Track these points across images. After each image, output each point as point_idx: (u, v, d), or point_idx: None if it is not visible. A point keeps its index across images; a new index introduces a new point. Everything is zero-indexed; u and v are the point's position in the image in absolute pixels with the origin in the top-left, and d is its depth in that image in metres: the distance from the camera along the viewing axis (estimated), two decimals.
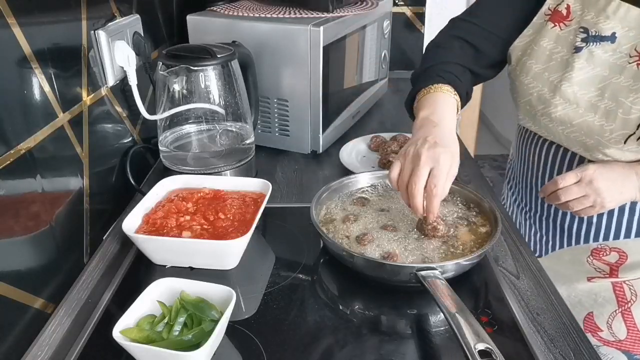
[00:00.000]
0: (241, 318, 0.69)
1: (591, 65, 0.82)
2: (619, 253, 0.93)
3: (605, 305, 0.95)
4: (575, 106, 0.84)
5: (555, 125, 0.88)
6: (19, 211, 0.66)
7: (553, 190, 0.85)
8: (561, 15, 0.86)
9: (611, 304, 0.94)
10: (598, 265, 0.95)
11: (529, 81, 0.89)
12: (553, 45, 0.87)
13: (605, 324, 0.95)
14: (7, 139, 0.64)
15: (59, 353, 0.65)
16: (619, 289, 0.94)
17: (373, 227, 0.81)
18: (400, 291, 0.74)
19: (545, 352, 0.64)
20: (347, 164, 1.09)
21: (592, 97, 0.82)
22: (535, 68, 0.88)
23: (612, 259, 0.94)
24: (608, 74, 0.81)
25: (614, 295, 0.94)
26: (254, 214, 0.82)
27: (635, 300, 0.93)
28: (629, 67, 0.79)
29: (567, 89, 0.84)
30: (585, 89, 0.82)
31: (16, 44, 0.67)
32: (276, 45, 1.10)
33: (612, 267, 0.94)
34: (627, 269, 0.92)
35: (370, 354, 0.64)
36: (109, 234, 0.90)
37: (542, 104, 0.88)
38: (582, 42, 0.83)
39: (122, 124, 1.01)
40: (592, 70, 0.82)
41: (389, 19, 1.50)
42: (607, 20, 0.81)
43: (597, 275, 0.96)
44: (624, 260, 0.92)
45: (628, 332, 0.94)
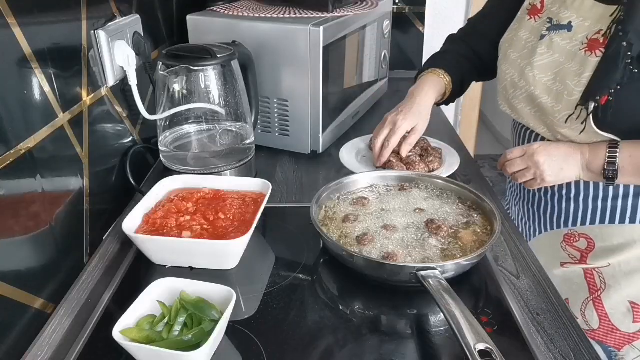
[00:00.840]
0: (241, 318, 0.69)
1: (550, 52, 0.90)
2: (587, 240, 0.96)
3: (578, 292, 0.97)
4: (533, 88, 0.92)
5: (522, 106, 0.96)
6: (19, 211, 0.66)
7: (503, 162, 0.96)
8: (537, 9, 0.96)
9: (583, 290, 0.97)
10: (570, 252, 0.98)
11: (506, 68, 0.99)
12: (528, 35, 0.96)
13: (579, 311, 0.97)
14: (7, 139, 0.64)
15: (59, 353, 0.65)
16: (590, 276, 0.96)
17: (373, 227, 0.81)
18: (400, 291, 0.74)
19: (545, 352, 0.64)
20: (347, 164, 1.09)
21: (547, 81, 0.90)
22: (512, 56, 0.98)
23: (582, 246, 0.97)
24: (564, 60, 0.88)
25: (586, 283, 0.96)
26: (254, 214, 0.82)
27: (605, 289, 0.94)
28: (579, 53, 0.86)
29: (529, 73, 0.93)
30: (544, 73, 0.91)
31: (16, 44, 0.67)
32: (276, 45, 1.10)
33: (582, 254, 0.97)
34: (595, 256, 0.95)
35: (370, 354, 0.64)
36: (109, 234, 0.90)
37: (513, 88, 0.97)
38: (546, 31, 0.92)
39: (122, 124, 1.01)
40: (551, 56, 0.90)
41: (389, 19, 1.50)
42: (566, 11, 0.89)
43: (569, 261, 0.99)
44: (592, 248, 0.95)
45: (600, 321, 0.95)
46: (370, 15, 1.31)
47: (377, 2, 1.35)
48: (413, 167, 1.04)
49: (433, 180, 0.93)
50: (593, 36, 0.84)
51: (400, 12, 1.79)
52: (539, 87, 0.91)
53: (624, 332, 0.94)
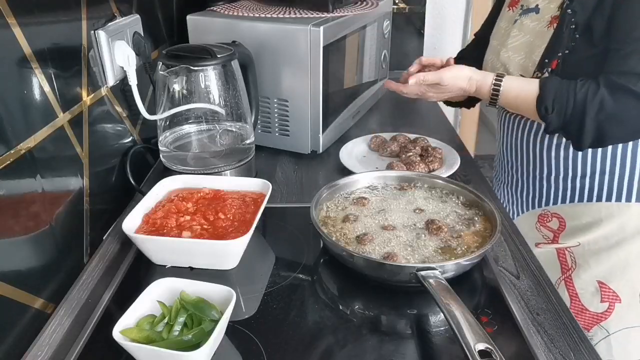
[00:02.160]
0: (241, 318, 0.69)
1: (522, 33, 0.99)
2: (558, 219, 0.99)
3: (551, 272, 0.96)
4: (508, 66, 1.00)
5: None
6: (19, 211, 0.66)
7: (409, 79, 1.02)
8: (514, 1, 1.06)
9: (556, 271, 0.99)
10: (544, 232, 1.02)
11: (488, 55, 1.09)
12: (505, 24, 1.06)
13: None
14: (7, 139, 0.64)
15: (59, 353, 0.65)
16: (562, 255, 0.99)
17: (373, 227, 0.81)
18: (400, 291, 0.74)
19: (545, 352, 0.64)
20: (347, 164, 1.09)
21: (520, 59, 0.99)
22: (493, 43, 1.08)
23: (554, 225, 1.00)
24: (533, 39, 0.97)
25: (559, 262, 0.99)
26: (254, 214, 0.82)
27: (575, 267, 0.97)
28: (543, 30, 0.95)
29: (504, 54, 1.02)
30: (517, 53, 1.00)
31: (16, 44, 0.67)
32: (276, 45, 1.10)
33: (555, 234, 1.00)
34: (566, 235, 0.98)
35: (370, 354, 0.64)
36: (109, 234, 0.90)
37: (492, 71, 1.02)
38: (518, 16, 1.02)
39: (122, 124, 1.01)
40: (522, 37, 0.99)
41: (389, 19, 1.50)
42: None
43: (543, 241, 1.02)
44: (564, 227, 0.98)
45: (571, 301, 0.98)
46: (370, 15, 1.31)
47: (377, 2, 1.35)
48: (413, 167, 1.05)
49: (433, 180, 0.93)
50: (555, 13, 0.94)
51: (400, 12, 1.79)
52: (512, 65, 0.99)
53: (593, 312, 0.96)
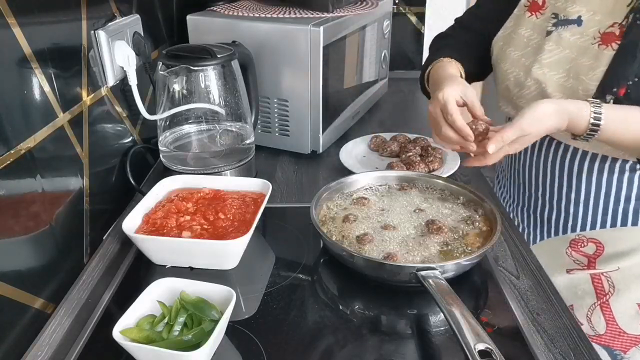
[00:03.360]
0: (241, 318, 0.69)
1: (560, 48, 0.87)
2: (596, 244, 0.93)
3: (584, 297, 0.95)
4: (545, 86, 0.88)
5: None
6: (19, 211, 0.66)
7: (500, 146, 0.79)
8: (537, 5, 0.93)
9: (590, 296, 0.94)
10: (576, 257, 0.96)
11: (507, 67, 0.95)
12: (530, 32, 0.93)
13: (585, 317, 0.95)
14: (7, 139, 0.64)
15: (59, 353, 0.65)
16: (597, 280, 0.94)
17: (373, 227, 0.81)
18: (400, 291, 0.74)
19: (545, 352, 0.64)
20: (347, 164, 1.09)
21: (559, 78, 0.87)
22: (514, 55, 0.94)
23: (590, 250, 0.94)
24: (575, 55, 0.85)
25: (593, 288, 0.94)
26: (254, 214, 0.82)
27: (613, 292, 0.93)
28: (592, 48, 0.83)
29: (538, 70, 0.89)
30: (554, 70, 0.87)
31: (16, 44, 0.67)
32: (276, 45, 1.10)
33: (590, 259, 0.94)
34: (604, 260, 0.93)
35: (370, 354, 0.64)
36: (109, 234, 0.90)
37: (517, 87, 0.93)
38: (552, 27, 0.88)
39: (122, 124, 1.01)
40: (560, 52, 0.87)
41: (389, 19, 1.50)
42: (574, 5, 0.86)
43: (575, 267, 0.96)
44: (601, 252, 0.93)
45: (607, 326, 0.94)
46: (370, 15, 1.31)
47: (377, 2, 1.35)
48: (413, 167, 1.04)
49: (433, 180, 0.93)
50: (606, 30, 0.81)
51: (400, 12, 1.79)
52: (550, 84, 0.87)
53: (631, 334, 0.93)
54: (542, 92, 0.89)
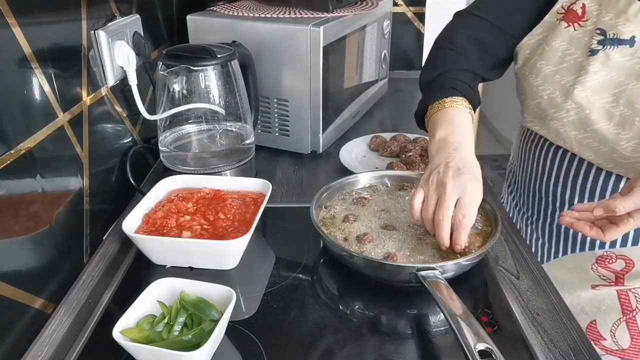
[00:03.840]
0: (241, 318, 0.69)
1: (607, 70, 0.78)
2: (625, 261, 0.89)
3: (609, 313, 0.92)
4: (589, 112, 0.80)
5: (567, 130, 0.84)
6: (19, 211, 0.66)
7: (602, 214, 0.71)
8: (576, 14, 0.81)
9: (615, 312, 0.91)
10: (603, 273, 0.92)
11: (539, 83, 0.86)
12: (566, 46, 0.82)
13: (609, 332, 0.92)
14: (7, 139, 0.64)
15: (59, 353, 0.65)
16: (624, 296, 0.90)
17: (373, 227, 0.81)
18: (400, 291, 0.74)
19: (545, 352, 0.64)
20: (347, 164, 1.09)
21: (606, 103, 0.78)
22: (546, 70, 0.84)
23: (618, 267, 0.90)
24: (624, 79, 0.77)
25: (619, 303, 0.91)
26: (254, 214, 0.82)
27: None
28: None
29: (580, 93, 0.80)
30: (600, 94, 0.78)
31: (16, 44, 0.67)
32: (276, 45, 1.10)
33: (618, 275, 0.91)
34: (633, 276, 0.89)
35: (370, 354, 0.64)
36: (109, 234, 0.90)
37: (553, 108, 0.85)
38: (598, 45, 0.78)
39: (122, 124, 1.01)
40: (607, 74, 0.78)
41: (389, 19, 1.50)
42: (627, 23, 0.76)
43: (601, 283, 0.92)
44: (631, 268, 0.89)
45: (632, 340, 0.91)
46: (370, 15, 1.31)
47: (377, 2, 1.35)
48: (413, 167, 1.04)
49: None
50: None
51: (400, 12, 1.79)
52: (595, 110, 0.78)
53: None
54: (583, 118, 0.81)
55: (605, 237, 0.72)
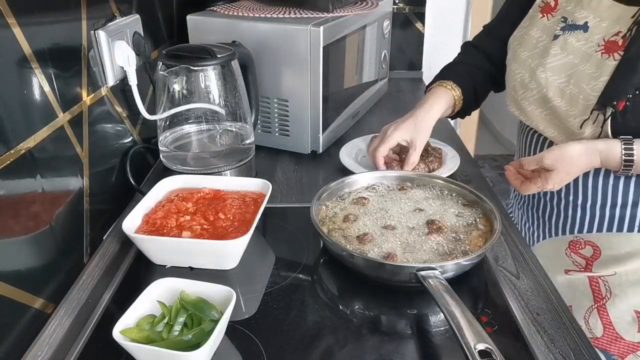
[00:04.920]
0: (241, 318, 0.69)
1: (564, 53, 0.86)
2: (593, 247, 0.93)
3: (582, 299, 0.95)
4: (546, 90, 0.88)
5: (532, 109, 0.92)
6: (19, 211, 0.66)
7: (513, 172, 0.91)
8: (550, 6, 0.92)
9: (588, 298, 0.95)
10: (575, 259, 0.96)
11: (516, 67, 0.95)
12: (540, 34, 0.92)
13: (583, 319, 0.95)
14: (7, 139, 0.64)
15: (59, 353, 0.65)
16: (595, 284, 0.94)
17: (373, 227, 0.81)
18: (400, 291, 0.74)
19: (545, 352, 0.64)
20: (347, 164, 1.09)
21: (560, 83, 0.86)
22: (523, 55, 0.94)
23: (587, 253, 0.94)
24: (578, 61, 0.84)
25: (591, 290, 0.94)
26: (254, 214, 0.82)
27: (610, 297, 0.92)
28: (595, 55, 0.82)
29: (541, 74, 0.88)
30: (557, 74, 0.87)
31: (16, 44, 0.67)
32: (276, 45, 1.10)
33: (588, 261, 0.94)
34: (601, 264, 0.93)
35: (370, 354, 0.64)
36: (109, 234, 0.90)
37: (522, 89, 0.93)
38: (560, 31, 0.88)
39: (122, 124, 1.01)
40: (565, 57, 0.86)
41: (389, 19, 1.50)
42: (582, 10, 0.85)
43: (574, 268, 0.96)
44: (598, 255, 0.93)
45: (604, 329, 0.94)
46: (370, 15, 1.31)
47: (377, 2, 1.35)
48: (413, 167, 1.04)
49: (433, 180, 0.93)
50: (610, 38, 0.81)
51: (400, 12, 1.79)
52: (551, 89, 0.87)
53: (629, 341, 0.92)
54: (543, 96, 0.89)
55: (521, 188, 0.89)
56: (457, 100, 1.05)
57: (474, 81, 1.07)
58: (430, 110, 1.02)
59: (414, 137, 1.00)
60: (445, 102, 1.04)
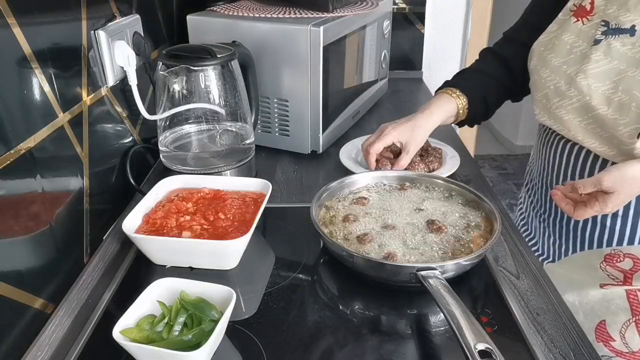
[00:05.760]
0: (241, 318, 0.69)
1: (608, 58, 0.81)
2: (633, 260, 0.89)
3: (618, 313, 0.90)
4: (589, 98, 0.83)
5: (571, 118, 0.87)
6: (19, 211, 0.66)
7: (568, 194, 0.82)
8: (585, 10, 0.86)
9: (625, 312, 0.90)
10: (611, 272, 0.91)
11: (547, 74, 0.90)
12: (574, 39, 0.87)
13: (618, 333, 0.91)
14: (7, 139, 0.64)
15: (59, 353, 0.65)
16: (633, 297, 0.89)
17: (373, 227, 0.81)
18: (400, 291, 0.74)
19: (545, 352, 0.64)
20: (347, 164, 1.09)
21: (606, 90, 0.81)
22: (555, 61, 0.89)
23: (626, 266, 0.90)
24: (625, 67, 0.80)
25: (628, 304, 0.90)
26: (254, 214, 0.82)
27: None
28: None
29: (582, 80, 0.83)
30: (600, 81, 0.82)
31: (16, 44, 0.67)
32: (276, 45, 1.10)
33: (626, 275, 0.90)
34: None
35: (370, 354, 0.64)
36: (109, 234, 0.90)
37: (557, 97, 0.88)
38: (601, 35, 0.83)
39: (122, 124, 1.01)
40: (609, 63, 0.81)
41: (389, 19, 1.50)
42: (628, 13, 0.80)
43: (610, 282, 0.91)
44: (639, 268, 0.88)
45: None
46: (370, 15, 1.31)
47: (377, 2, 1.35)
48: (413, 167, 1.04)
49: (433, 180, 0.93)
50: None
51: (400, 12, 1.79)
52: (595, 97, 0.82)
53: None
54: (585, 105, 0.84)
55: (575, 213, 0.81)
56: (461, 109, 1.04)
57: (485, 91, 1.05)
58: (430, 117, 1.02)
59: (408, 140, 1.00)
60: (447, 111, 1.03)
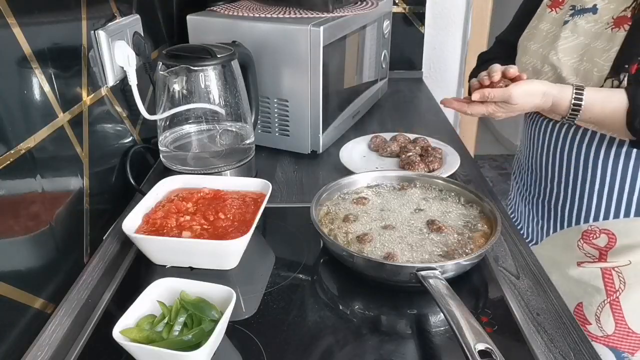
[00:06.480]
0: (241, 318, 0.69)
1: (575, 35, 0.91)
2: (608, 235, 0.93)
3: (594, 294, 0.94)
4: (560, 70, 0.91)
5: None
6: (19, 211, 0.66)
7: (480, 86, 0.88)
8: (557, 2, 0.98)
9: (600, 293, 0.94)
10: (588, 250, 0.95)
11: (526, 59, 0.99)
12: (549, 26, 0.97)
13: (594, 316, 0.94)
14: (7, 139, 0.64)
15: (59, 353, 0.65)
16: (608, 277, 0.93)
17: (373, 227, 0.81)
18: (400, 291, 0.74)
19: (545, 352, 0.64)
20: (347, 164, 1.09)
21: (574, 62, 0.90)
22: (533, 47, 0.99)
23: (602, 243, 0.94)
24: (589, 41, 0.89)
25: (603, 284, 0.94)
26: (254, 214, 0.82)
27: (624, 289, 0.92)
28: (605, 32, 0.86)
29: (553, 56, 0.92)
30: (569, 55, 0.91)
31: (16, 44, 0.67)
32: (276, 45, 1.10)
33: (602, 252, 0.94)
34: (616, 253, 0.92)
35: (370, 354, 0.64)
36: (109, 234, 0.90)
37: (535, 75, 0.95)
38: (569, 17, 0.93)
39: (122, 124, 1.01)
40: (575, 39, 0.91)
41: (389, 19, 1.50)
42: None
43: (586, 260, 0.95)
44: (613, 244, 0.92)
45: (616, 326, 0.93)
46: (370, 15, 1.31)
47: (377, 2, 1.35)
48: (413, 167, 1.05)
49: (433, 180, 0.93)
50: (619, 14, 0.85)
51: (400, 12, 1.79)
52: (565, 69, 0.90)
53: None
54: (558, 77, 0.91)
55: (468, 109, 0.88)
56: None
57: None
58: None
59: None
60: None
